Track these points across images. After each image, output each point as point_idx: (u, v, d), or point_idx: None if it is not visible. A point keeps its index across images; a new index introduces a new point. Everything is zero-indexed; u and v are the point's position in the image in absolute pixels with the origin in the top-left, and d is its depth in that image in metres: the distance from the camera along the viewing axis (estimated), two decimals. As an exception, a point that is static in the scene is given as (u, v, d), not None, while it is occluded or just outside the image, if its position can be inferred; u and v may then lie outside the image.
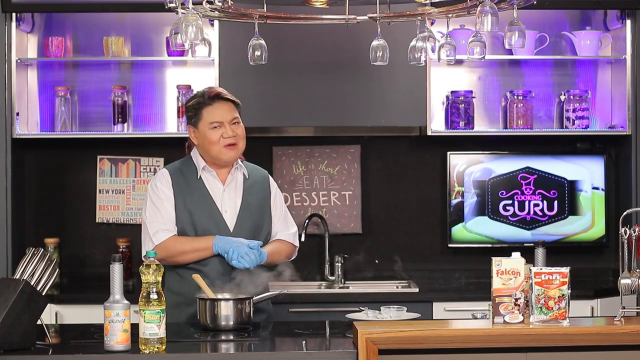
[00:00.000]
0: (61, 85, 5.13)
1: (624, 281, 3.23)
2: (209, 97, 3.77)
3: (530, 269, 3.13)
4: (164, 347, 3.04)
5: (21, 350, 3.05)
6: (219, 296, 3.54)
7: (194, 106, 3.78)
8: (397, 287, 5.11)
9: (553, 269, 3.11)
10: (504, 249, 5.08)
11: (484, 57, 3.77)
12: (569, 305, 3.11)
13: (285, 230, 3.90)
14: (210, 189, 3.78)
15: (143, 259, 3.52)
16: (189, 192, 3.76)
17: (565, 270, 3.11)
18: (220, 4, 3.56)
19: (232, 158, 3.77)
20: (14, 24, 4.91)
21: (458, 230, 5.24)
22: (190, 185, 3.77)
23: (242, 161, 3.87)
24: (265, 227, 3.83)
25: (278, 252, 3.83)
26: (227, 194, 3.79)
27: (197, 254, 3.70)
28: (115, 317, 3.00)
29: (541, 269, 3.12)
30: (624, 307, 3.22)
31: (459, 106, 5.12)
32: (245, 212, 3.79)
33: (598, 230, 5.24)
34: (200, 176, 3.78)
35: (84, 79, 5.21)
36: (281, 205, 3.92)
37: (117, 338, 3.01)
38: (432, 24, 4.62)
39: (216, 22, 4.86)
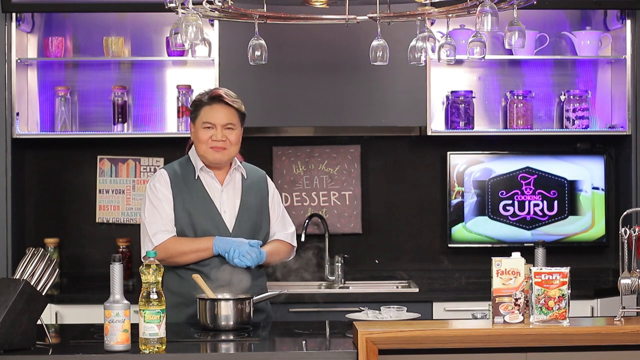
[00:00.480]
0: (61, 85, 5.13)
1: (624, 281, 3.23)
2: (210, 97, 3.77)
3: (530, 269, 3.13)
4: (164, 347, 3.04)
5: (21, 350, 3.05)
6: (219, 296, 3.54)
7: (195, 103, 3.81)
8: (397, 287, 5.11)
9: (553, 269, 3.11)
10: (504, 249, 5.08)
11: (484, 57, 3.77)
12: (569, 305, 3.11)
13: (283, 230, 3.90)
14: (209, 190, 3.78)
15: (142, 259, 3.52)
16: (188, 192, 3.76)
17: (565, 270, 3.11)
18: (220, 4, 3.56)
19: (216, 160, 3.75)
20: (14, 24, 4.91)
21: (458, 230, 5.24)
22: (188, 185, 3.77)
23: (240, 162, 3.87)
24: (263, 228, 3.83)
25: (277, 252, 3.83)
26: (225, 194, 3.79)
27: (197, 255, 3.70)
28: (115, 317, 3.00)
29: (541, 269, 3.13)
30: (624, 307, 3.22)
31: (459, 106, 5.12)
32: (245, 212, 3.79)
33: (598, 230, 5.24)
34: (198, 176, 3.78)
35: (84, 79, 5.21)
36: (279, 206, 3.92)
37: (117, 338, 3.01)
38: (432, 24, 4.63)
39: (216, 22, 4.86)
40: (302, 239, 5.07)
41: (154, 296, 3.02)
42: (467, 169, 5.23)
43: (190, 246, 3.69)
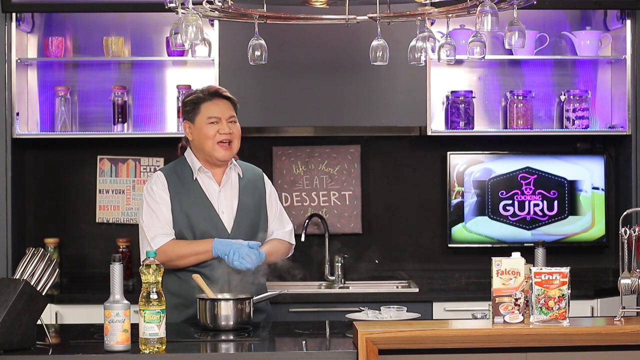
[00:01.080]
0: (61, 85, 5.13)
1: (624, 281, 3.23)
2: (209, 93, 3.78)
3: (530, 269, 3.13)
4: (164, 347, 3.04)
5: (21, 350, 3.06)
6: (219, 296, 3.54)
7: (193, 100, 3.79)
8: (397, 287, 5.11)
9: (553, 269, 3.11)
10: (504, 249, 5.08)
11: (484, 57, 3.77)
12: (569, 305, 3.11)
13: (281, 228, 3.90)
14: (206, 190, 3.78)
15: (142, 263, 3.52)
16: (186, 194, 3.75)
17: (565, 270, 3.11)
18: (220, 4, 3.56)
19: (224, 157, 3.76)
20: (14, 24, 4.90)
21: (458, 230, 5.23)
22: (186, 187, 3.76)
23: (236, 160, 3.87)
24: (261, 227, 3.83)
25: (275, 251, 3.83)
26: (223, 194, 3.79)
27: (196, 258, 3.69)
28: (115, 317, 3.00)
29: (541, 269, 3.13)
30: (624, 307, 3.22)
31: (459, 106, 5.12)
32: (243, 212, 3.78)
33: (598, 230, 5.24)
34: (195, 178, 3.78)
35: (84, 79, 5.21)
36: (276, 204, 3.92)
37: (117, 338, 3.01)
38: (432, 24, 4.63)
39: (216, 22, 4.86)
40: (302, 239, 5.07)
41: (154, 296, 3.02)
42: (467, 169, 5.23)
43: (189, 249, 3.69)
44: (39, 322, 3.14)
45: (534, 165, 5.25)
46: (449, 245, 5.25)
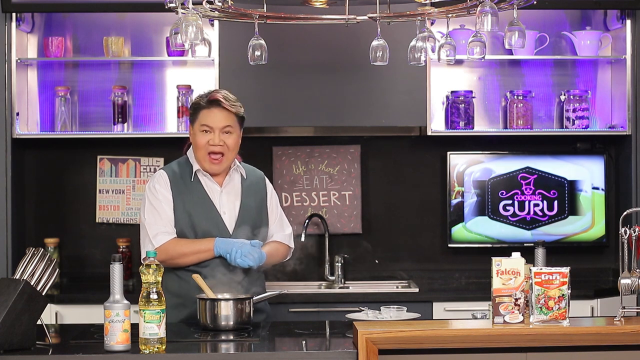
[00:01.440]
0: (61, 85, 5.13)
1: (624, 281, 3.23)
2: (208, 101, 3.75)
3: (530, 269, 3.13)
4: (164, 347, 3.04)
5: (21, 350, 3.06)
6: (219, 296, 3.54)
7: (194, 106, 3.80)
8: (397, 287, 5.11)
9: (553, 269, 3.11)
10: (504, 249, 5.08)
11: (484, 57, 3.77)
12: (569, 305, 3.11)
13: (281, 231, 3.90)
14: (208, 191, 3.77)
15: (142, 261, 3.52)
16: (188, 193, 3.75)
17: (565, 270, 3.11)
18: (220, 4, 3.56)
19: (211, 170, 3.75)
20: (14, 24, 4.91)
21: (458, 230, 5.23)
22: (188, 186, 3.76)
23: (239, 162, 3.86)
24: (262, 229, 3.83)
25: (275, 253, 3.84)
26: (225, 195, 3.79)
27: (198, 256, 3.69)
28: (115, 317, 3.00)
29: (541, 269, 3.13)
30: (624, 307, 3.22)
31: (459, 106, 5.12)
32: (245, 213, 3.78)
33: (598, 230, 5.24)
34: (196, 178, 3.77)
35: (84, 79, 5.21)
36: (277, 206, 3.92)
37: (117, 338, 3.01)
38: (432, 24, 4.63)
39: (216, 22, 4.86)
40: (302, 239, 5.07)
41: (154, 296, 3.02)
42: (467, 169, 5.23)
43: (191, 247, 3.69)
44: (39, 322, 3.14)
45: (534, 165, 5.25)
46: (449, 245, 5.25)
